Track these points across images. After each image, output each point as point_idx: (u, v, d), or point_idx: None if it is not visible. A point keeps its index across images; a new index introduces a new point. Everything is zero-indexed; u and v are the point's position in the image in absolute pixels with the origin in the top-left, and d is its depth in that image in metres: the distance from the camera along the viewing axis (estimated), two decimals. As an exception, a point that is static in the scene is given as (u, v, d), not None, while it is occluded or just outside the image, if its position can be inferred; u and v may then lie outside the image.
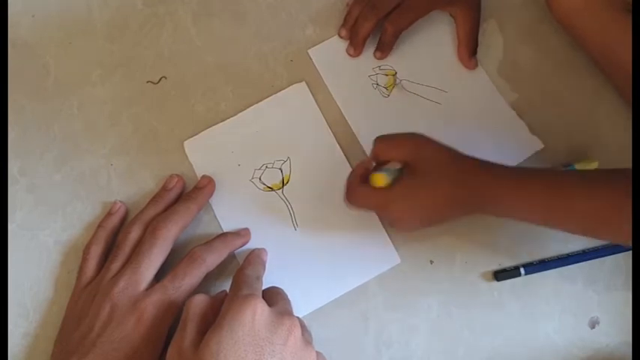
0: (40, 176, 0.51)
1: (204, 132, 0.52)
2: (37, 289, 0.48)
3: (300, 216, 0.50)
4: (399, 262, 0.49)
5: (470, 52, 0.54)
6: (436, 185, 0.43)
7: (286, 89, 0.54)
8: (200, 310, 0.38)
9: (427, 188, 0.43)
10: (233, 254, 0.48)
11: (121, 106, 0.53)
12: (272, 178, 0.51)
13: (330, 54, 0.55)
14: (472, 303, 0.48)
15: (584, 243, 0.50)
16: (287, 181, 0.51)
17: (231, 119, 0.52)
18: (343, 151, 0.52)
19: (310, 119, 0.53)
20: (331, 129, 0.53)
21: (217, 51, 0.55)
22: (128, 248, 0.45)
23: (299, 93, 0.54)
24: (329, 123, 0.53)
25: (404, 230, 0.49)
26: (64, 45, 0.55)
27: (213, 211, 0.50)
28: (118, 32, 0.56)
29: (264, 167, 0.51)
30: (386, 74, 0.55)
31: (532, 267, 0.49)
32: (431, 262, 0.49)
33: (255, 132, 0.52)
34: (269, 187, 0.51)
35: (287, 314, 0.38)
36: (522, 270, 0.48)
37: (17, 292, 0.48)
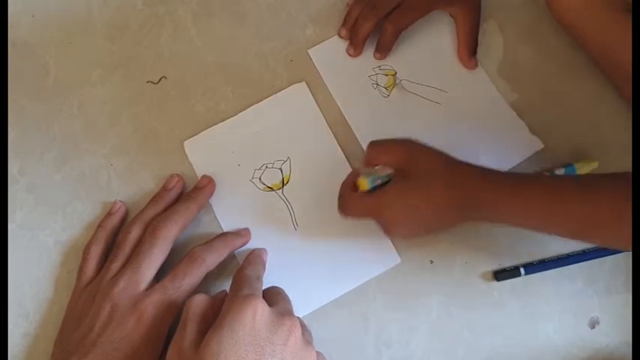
0: (40, 176, 0.51)
1: (204, 132, 0.52)
2: (37, 289, 0.48)
3: (300, 216, 0.50)
4: (399, 263, 0.49)
5: (470, 52, 0.54)
6: (429, 188, 0.43)
7: (286, 89, 0.54)
8: (200, 310, 0.38)
9: (420, 191, 0.43)
10: (233, 254, 0.48)
11: (121, 106, 0.53)
12: (272, 178, 0.51)
13: (330, 54, 0.55)
14: (472, 303, 0.48)
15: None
16: (287, 181, 0.51)
17: (231, 119, 0.52)
18: (343, 151, 0.52)
19: (310, 119, 0.53)
20: (331, 129, 0.53)
21: (217, 51, 0.55)
22: (128, 248, 0.45)
23: (299, 93, 0.54)
24: (329, 123, 0.53)
25: (400, 236, 0.48)
26: (64, 45, 0.55)
27: (213, 211, 0.50)
28: (118, 32, 0.56)
29: (264, 167, 0.51)
30: (386, 74, 0.55)
31: (532, 267, 0.49)
32: (431, 262, 0.49)
33: (255, 132, 0.52)
34: (269, 187, 0.51)
35: (287, 314, 0.38)
36: (522, 270, 0.48)
37: (17, 292, 0.48)
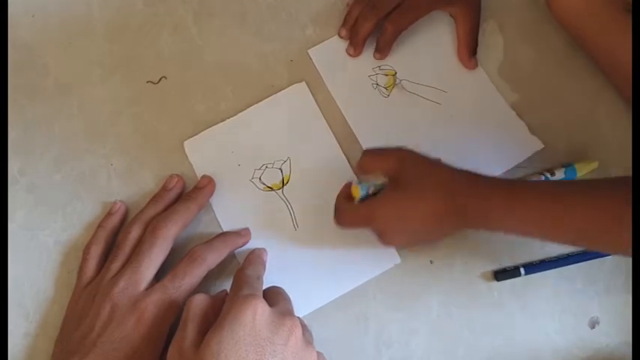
0: (40, 176, 0.51)
1: (204, 132, 0.52)
2: (37, 289, 0.48)
3: (300, 216, 0.50)
4: (399, 262, 0.49)
5: (470, 52, 0.54)
6: (422, 196, 0.42)
7: (286, 89, 0.54)
8: (200, 310, 0.38)
9: (413, 199, 0.43)
10: (233, 254, 0.48)
11: (121, 106, 0.53)
12: (272, 178, 0.51)
13: (330, 54, 0.55)
14: (472, 303, 0.48)
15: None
16: (287, 181, 0.51)
17: (231, 119, 0.52)
18: (343, 151, 0.52)
19: (310, 119, 0.53)
20: (331, 129, 0.53)
21: (217, 51, 0.55)
22: (128, 248, 0.45)
23: (299, 93, 0.54)
24: (329, 123, 0.53)
25: (395, 244, 0.47)
26: (64, 45, 0.55)
27: (213, 211, 0.50)
28: (118, 32, 0.56)
29: (264, 167, 0.51)
30: (386, 74, 0.55)
31: (532, 267, 0.49)
32: (431, 262, 0.49)
33: (255, 132, 0.52)
34: (269, 187, 0.51)
35: (288, 314, 0.38)
36: (522, 270, 0.48)
37: (17, 292, 0.48)
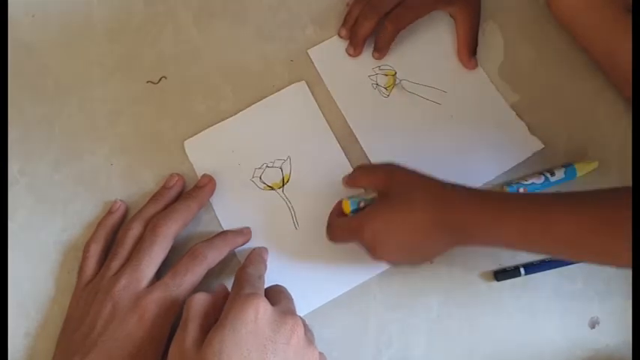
0: (40, 176, 0.51)
1: (204, 131, 0.52)
2: (37, 289, 0.48)
3: (300, 215, 0.50)
4: (399, 262, 0.49)
5: (470, 52, 0.54)
6: (410, 208, 0.42)
7: (286, 88, 0.53)
8: (201, 309, 0.38)
9: (401, 212, 0.42)
10: (234, 253, 0.48)
11: (121, 106, 0.53)
12: (272, 178, 0.51)
13: (330, 54, 0.55)
14: (472, 303, 0.48)
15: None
16: (287, 180, 0.51)
17: (231, 118, 0.52)
18: (343, 150, 0.52)
19: (310, 118, 0.53)
20: (331, 129, 0.53)
21: (217, 51, 0.55)
22: (128, 246, 0.45)
23: (299, 92, 0.54)
24: (329, 122, 0.53)
25: (383, 258, 0.45)
26: (64, 45, 0.55)
27: (213, 211, 0.50)
28: (118, 32, 0.56)
29: (264, 166, 0.51)
30: (386, 74, 0.55)
31: (532, 267, 0.49)
32: (431, 262, 0.49)
33: (255, 131, 0.52)
34: (269, 187, 0.51)
35: (290, 313, 0.38)
36: (522, 270, 0.48)
37: (17, 292, 0.48)
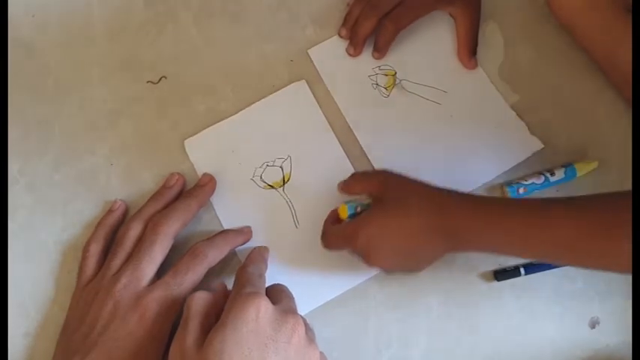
0: (40, 176, 0.51)
1: (204, 131, 0.52)
2: (37, 289, 0.48)
3: (301, 214, 0.50)
4: (400, 262, 0.49)
5: (470, 52, 0.54)
6: (406, 212, 0.42)
7: (286, 87, 0.54)
8: (201, 308, 0.38)
9: (397, 216, 0.42)
10: (234, 252, 0.48)
11: (121, 106, 0.53)
12: (273, 177, 0.51)
13: (330, 54, 0.55)
14: (472, 303, 0.48)
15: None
16: (288, 179, 0.51)
17: (231, 118, 0.52)
18: (343, 149, 0.52)
19: (310, 117, 0.53)
20: (331, 127, 0.53)
21: (217, 51, 0.55)
22: (128, 245, 0.45)
23: (299, 91, 0.54)
24: (329, 121, 0.53)
25: (378, 265, 0.45)
26: (64, 45, 0.55)
27: (214, 210, 0.50)
28: (118, 32, 0.56)
29: (264, 165, 0.51)
30: (386, 74, 0.55)
31: (532, 267, 0.49)
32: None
33: (255, 130, 0.52)
34: (270, 186, 0.51)
35: (291, 312, 0.38)
36: (522, 270, 0.48)
37: (17, 292, 0.48)
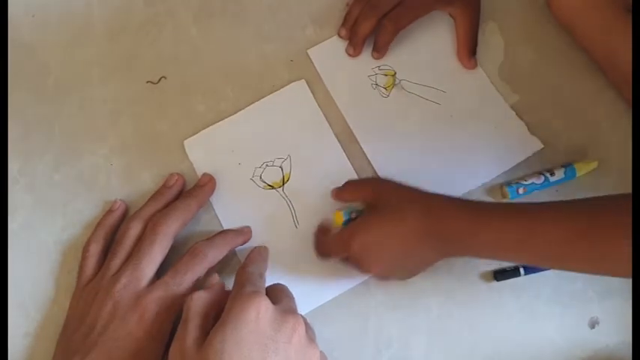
0: (40, 176, 0.51)
1: (204, 131, 0.52)
2: (37, 289, 0.48)
3: (301, 214, 0.50)
4: (399, 262, 0.49)
5: (469, 52, 0.54)
6: (401, 217, 0.42)
7: (286, 87, 0.54)
8: (201, 308, 0.38)
9: (391, 221, 0.42)
10: (234, 252, 0.48)
11: (121, 106, 0.53)
12: (272, 177, 0.51)
13: (330, 54, 0.55)
14: (472, 303, 0.48)
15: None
16: (287, 179, 0.51)
17: (231, 118, 0.52)
18: (343, 149, 0.52)
19: (310, 117, 0.53)
20: (331, 127, 0.53)
21: (217, 51, 0.55)
22: (128, 245, 0.45)
23: (299, 91, 0.54)
24: (329, 121, 0.53)
25: (372, 271, 0.45)
26: (64, 45, 0.55)
27: (213, 210, 0.50)
28: (118, 32, 0.56)
29: (264, 165, 0.51)
30: (385, 74, 0.55)
31: (532, 267, 0.49)
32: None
33: (255, 130, 0.52)
34: (270, 186, 0.51)
35: (291, 312, 0.38)
36: (522, 270, 0.48)
37: (17, 292, 0.48)
